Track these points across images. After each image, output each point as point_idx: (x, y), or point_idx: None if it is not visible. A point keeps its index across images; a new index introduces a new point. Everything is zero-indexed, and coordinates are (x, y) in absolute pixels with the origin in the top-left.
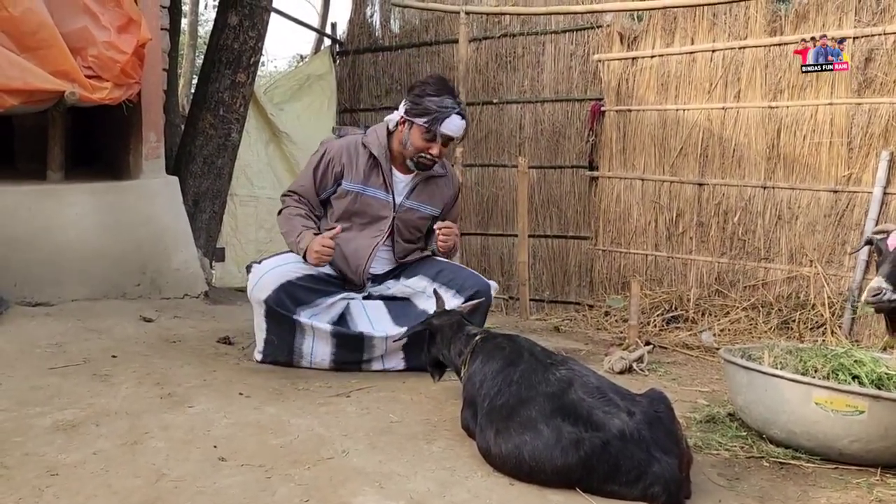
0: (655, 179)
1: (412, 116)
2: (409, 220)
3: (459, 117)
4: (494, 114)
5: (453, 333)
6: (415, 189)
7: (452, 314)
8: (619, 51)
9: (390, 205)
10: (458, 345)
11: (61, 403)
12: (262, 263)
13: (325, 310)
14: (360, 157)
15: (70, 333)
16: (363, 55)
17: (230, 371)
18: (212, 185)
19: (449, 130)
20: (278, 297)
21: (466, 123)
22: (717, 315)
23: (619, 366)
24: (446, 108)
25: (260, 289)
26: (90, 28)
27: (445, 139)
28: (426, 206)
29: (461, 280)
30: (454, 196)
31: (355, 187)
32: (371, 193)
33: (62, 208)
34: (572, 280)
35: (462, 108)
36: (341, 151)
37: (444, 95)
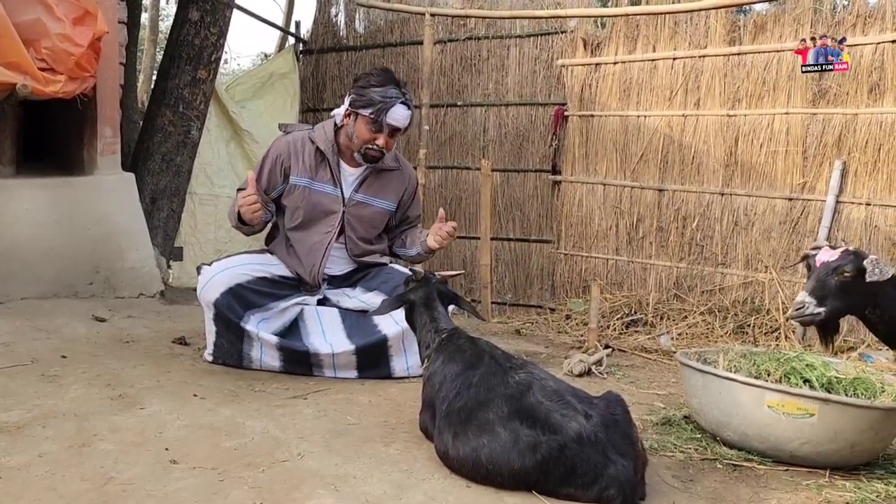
0: (617, 184)
1: (357, 108)
2: (361, 215)
3: (405, 107)
4: (458, 116)
5: (424, 318)
6: (364, 182)
7: (428, 290)
8: (582, 56)
9: (339, 199)
10: (425, 334)
11: (6, 404)
12: (213, 265)
13: (277, 314)
14: (306, 151)
15: (18, 332)
16: (327, 55)
17: (185, 372)
18: (170, 183)
19: (394, 120)
20: (227, 301)
21: (412, 113)
22: (676, 319)
23: (578, 369)
24: (391, 98)
25: (209, 290)
26: (44, 19)
27: (391, 129)
28: (377, 199)
29: None
30: (411, 191)
31: (302, 181)
32: (319, 188)
33: (12, 203)
34: (534, 283)
35: (408, 98)
36: (288, 147)
37: (389, 86)
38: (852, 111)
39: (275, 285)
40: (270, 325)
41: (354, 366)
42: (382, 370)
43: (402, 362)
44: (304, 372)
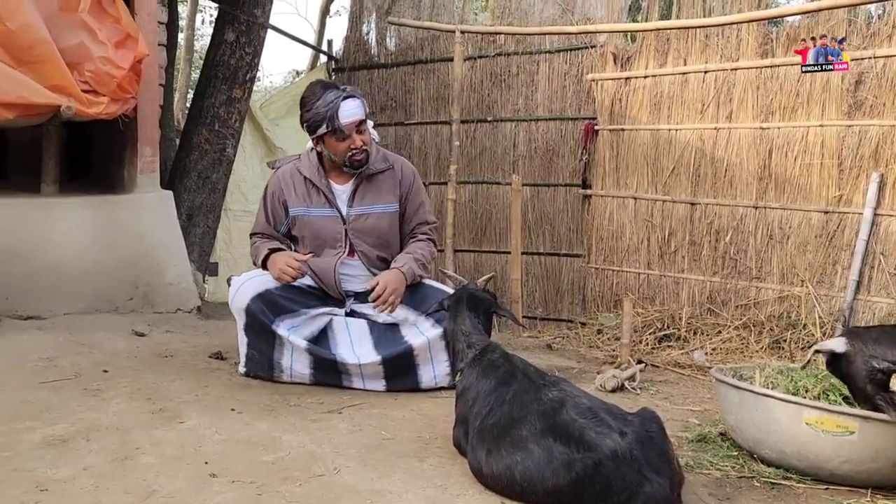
0: (648, 198)
1: (315, 132)
2: (364, 227)
3: (350, 99)
4: (489, 132)
5: (458, 329)
6: (356, 193)
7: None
8: (612, 71)
9: (338, 218)
10: (458, 346)
11: (51, 418)
12: (242, 275)
13: (307, 322)
14: (296, 181)
15: (61, 347)
16: (359, 72)
17: (222, 386)
18: (206, 200)
19: (348, 117)
20: (257, 306)
21: (361, 100)
22: (709, 334)
23: (610, 384)
24: (332, 102)
25: (240, 297)
26: (87, 43)
27: (354, 125)
28: (375, 205)
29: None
30: (407, 185)
31: (300, 211)
32: (316, 213)
33: (56, 221)
34: (565, 297)
35: (348, 90)
36: (279, 182)
37: (325, 93)
38: (889, 123)
39: (303, 294)
40: (300, 331)
41: (382, 376)
42: (409, 380)
43: (430, 372)
44: (333, 382)
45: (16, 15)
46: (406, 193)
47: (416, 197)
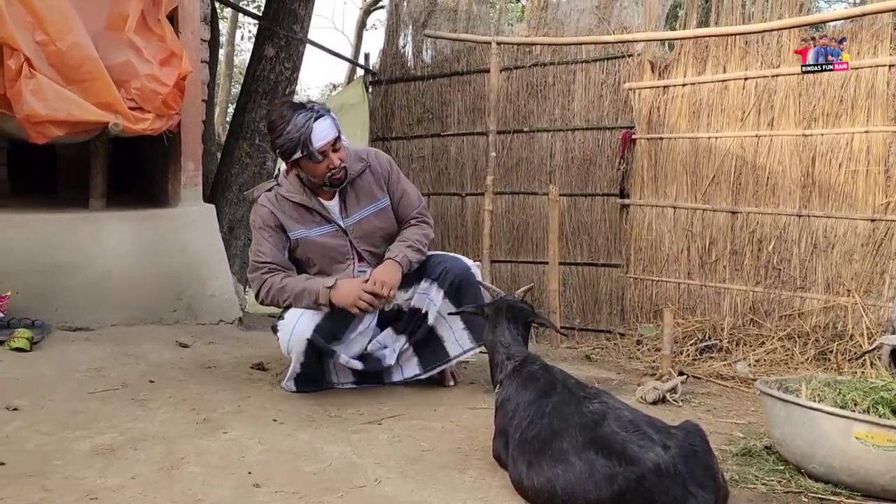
0: (688, 207)
1: (290, 158)
2: (366, 231)
3: (321, 119)
4: (525, 142)
5: (497, 339)
6: (345, 203)
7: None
8: (650, 79)
9: (339, 231)
10: (497, 356)
11: (100, 427)
12: (286, 318)
13: (358, 335)
14: (286, 207)
15: (109, 358)
16: (395, 85)
17: (264, 397)
18: (247, 213)
19: (322, 139)
20: (317, 344)
21: (332, 117)
22: (752, 345)
23: (651, 396)
24: (304, 125)
25: (296, 340)
26: (133, 61)
27: (329, 146)
28: (368, 206)
29: (440, 272)
30: (387, 175)
31: (299, 234)
32: (317, 232)
33: (103, 235)
34: (603, 308)
35: (317, 108)
36: (271, 208)
37: (294, 115)
38: None
39: (343, 314)
40: (350, 348)
41: (414, 354)
42: (439, 354)
43: (451, 336)
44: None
45: (65, 35)
46: (387, 184)
47: (398, 185)
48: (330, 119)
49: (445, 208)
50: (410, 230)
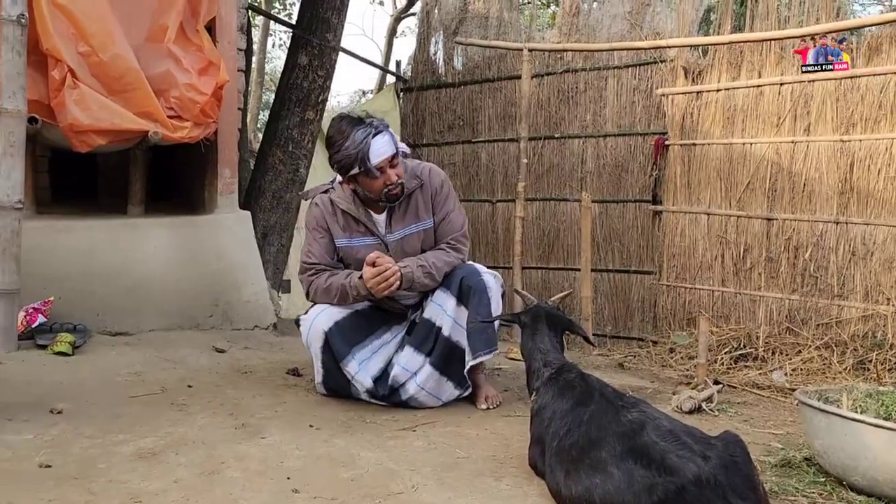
0: (722, 214)
1: (347, 173)
2: (406, 248)
3: (380, 135)
4: (556, 148)
5: (533, 346)
6: (392, 218)
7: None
8: (683, 85)
9: (381, 245)
10: (533, 363)
11: (142, 431)
12: (309, 313)
13: (375, 353)
14: (337, 213)
15: (149, 363)
16: (426, 92)
17: (300, 402)
18: (280, 219)
19: (380, 156)
20: (331, 339)
21: (391, 134)
22: (789, 354)
23: (687, 405)
24: (363, 142)
25: (314, 334)
26: (173, 71)
27: (387, 162)
28: (411, 225)
29: (453, 278)
30: (436, 194)
31: (343, 242)
32: (359, 242)
33: (142, 242)
34: (635, 315)
35: (376, 124)
36: (322, 213)
37: (353, 131)
38: None
39: (368, 319)
40: (368, 367)
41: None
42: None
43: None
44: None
45: (108, 47)
46: (433, 204)
47: (444, 207)
48: (388, 135)
49: (476, 215)
50: (435, 252)
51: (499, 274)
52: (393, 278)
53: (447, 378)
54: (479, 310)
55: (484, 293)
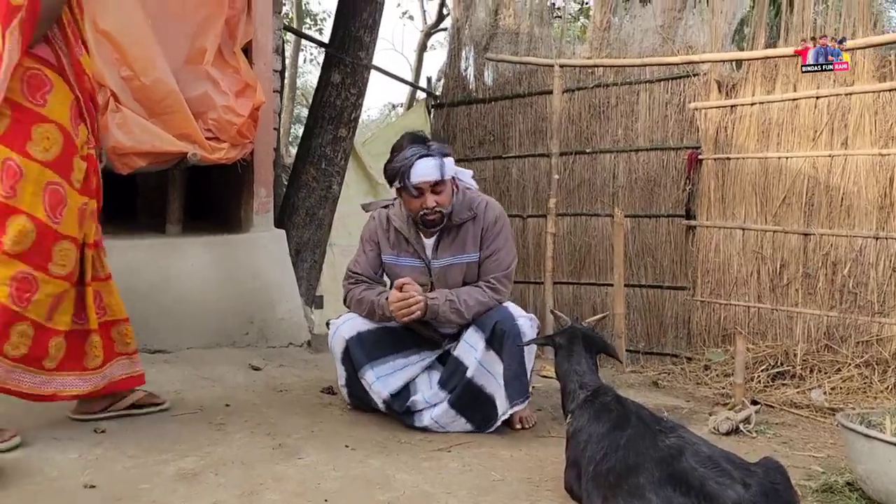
0: (757, 229)
1: (392, 185)
2: (448, 278)
3: (426, 158)
4: (587, 163)
5: (568, 367)
6: (440, 245)
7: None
8: (716, 98)
9: (425, 270)
10: (569, 385)
11: (182, 451)
12: (340, 318)
13: (397, 371)
14: (390, 229)
15: (187, 381)
16: (457, 108)
17: (335, 422)
18: (313, 236)
19: (419, 177)
20: (350, 349)
21: (440, 161)
22: (828, 372)
23: (724, 426)
24: (408, 159)
25: (336, 341)
26: (211, 93)
27: (428, 186)
28: (458, 256)
29: (488, 319)
30: (487, 230)
31: (389, 259)
32: (405, 262)
33: (180, 260)
34: (669, 331)
35: (431, 149)
36: (375, 227)
37: (409, 147)
38: None
39: (397, 337)
40: (387, 382)
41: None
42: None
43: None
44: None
45: (150, 71)
46: (482, 240)
47: (492, 244)
48: (437, 162)
49: None
50: (471, 289)
51: (535, 317)
52: (415, 307)
53: (463, 418)
54: (511, 356)
55: (517, 338)
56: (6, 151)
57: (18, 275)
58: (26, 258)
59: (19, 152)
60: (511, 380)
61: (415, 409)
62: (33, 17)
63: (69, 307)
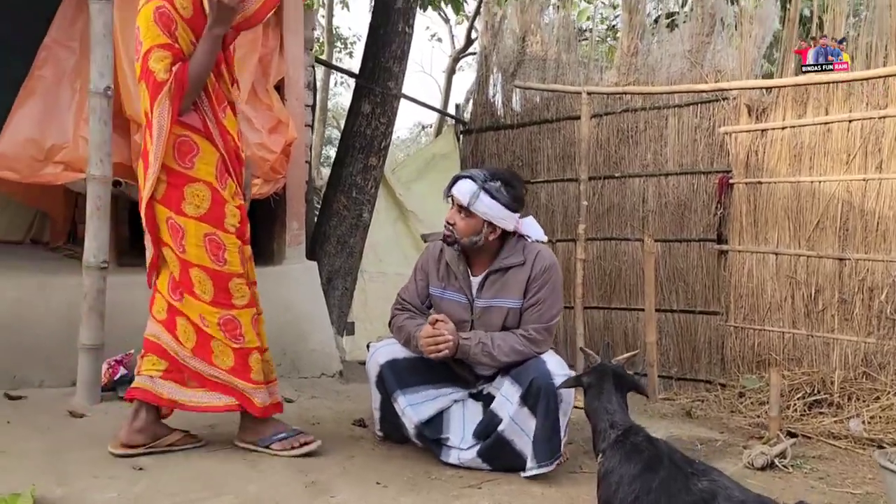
0: (790, 253)
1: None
2: (489, 320)
3: (466, 181)
4: (616, 188)
5: (598, 406)
6: (484, 285)
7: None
8: (746, 123)
9: (468, 307)
10: (599, 424)
11: (218, 488)
12: (378, 342)
13: (428, 402)
14: (441, 262)
15: (221, 415)
16: (486, 133)
17: (366, 457)
18: (344, 263)
19: (457, 191)
20: (386, 373)
21: (477, 188)
22: (866, 400)
23: (759, 461)
24: (455, 177)
25: (373, 363)
26: (245, 131)
27: (456, 205)
28: (499, 299)
29: (525, 373)
30: (533, 279)
31: (436, 291)
32: (450, 296)
33: None
34: (702, 357)
35: (486, 182)
36: (427, 258)
37: (485, 172)
38: None
39: (431, 369)
40: (419, 409)
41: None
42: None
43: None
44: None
45: None
46: (527, 289)
47: (537, 294)
48: (473, 189)
49: None
50: (508, 336)
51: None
52: (444, 346)
53: (487, 465)
54: (546, 416)
55: (553, 397)
56: (167, 212)
57: (220, 320)
58: (216, 303)
59: (176, 212)
60: (542, 440)
61: (444, 442)
62: (181, 91)
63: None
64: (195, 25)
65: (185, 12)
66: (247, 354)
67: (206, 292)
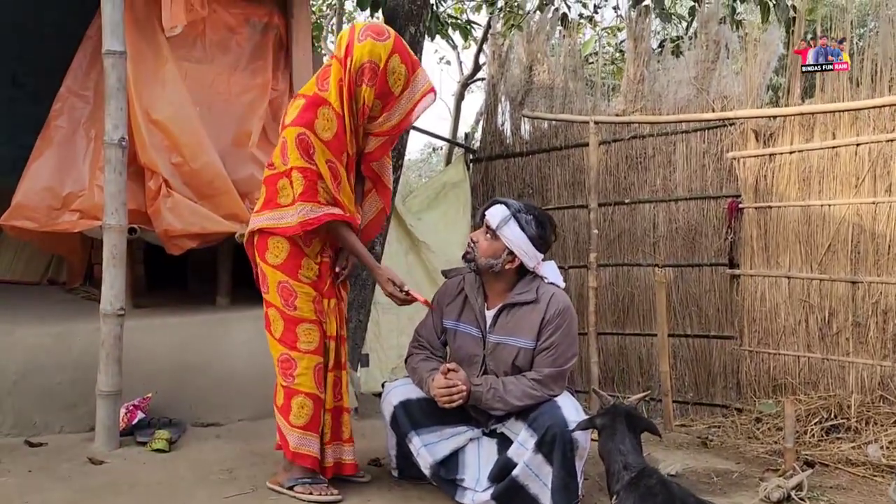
0: (803, 277)
1: None
2: (500, 357)
3: (498, 207)
4: (626, 214)
5: (611, 447)
6: (497, 320)
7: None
8: (754, 148)
9: (481, 341)
10: (613, 465)
11: None
12: (394, 382)
13: (442, 442)
14: (460, 294)
15: (239, 458)
16: (495, 161)
17: (382, 499)
18: (358, 296)
19: (489, 213)
20: (397, 415)
21: (507, 215)
22: (884, 424)
23: (776, 495)
24: (490, 201)
25: (387, 403)
26: (256, 174)
27: (485, 225)
28: (513, 338)
29: (536, 417)
30: (546, 322)
31: (451, 324)
32: (464, 329)
33: (229, 335)
34: (717, 381)
35: (518, 213)
36: (446, 290)
37: (521, 204)
38: None
39: (445, 409)
40: (433, 449)
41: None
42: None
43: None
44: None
45: (199, 156)
46: (540, 332)
47: (550, 338)
48: (503, 214)
49: None
50: (520, 381)
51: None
52: (457, 396)
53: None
54: (562, 465)
55: (569, 445)
56: (256, 257)
57: (280, 356)
58: (282, 342)
59: (262, 260)
60: (560, 489)
61: (460, 483)
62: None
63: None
64: (334, 147)
65: (326, 135)
66: (292, 395)
67: (276, 330)
